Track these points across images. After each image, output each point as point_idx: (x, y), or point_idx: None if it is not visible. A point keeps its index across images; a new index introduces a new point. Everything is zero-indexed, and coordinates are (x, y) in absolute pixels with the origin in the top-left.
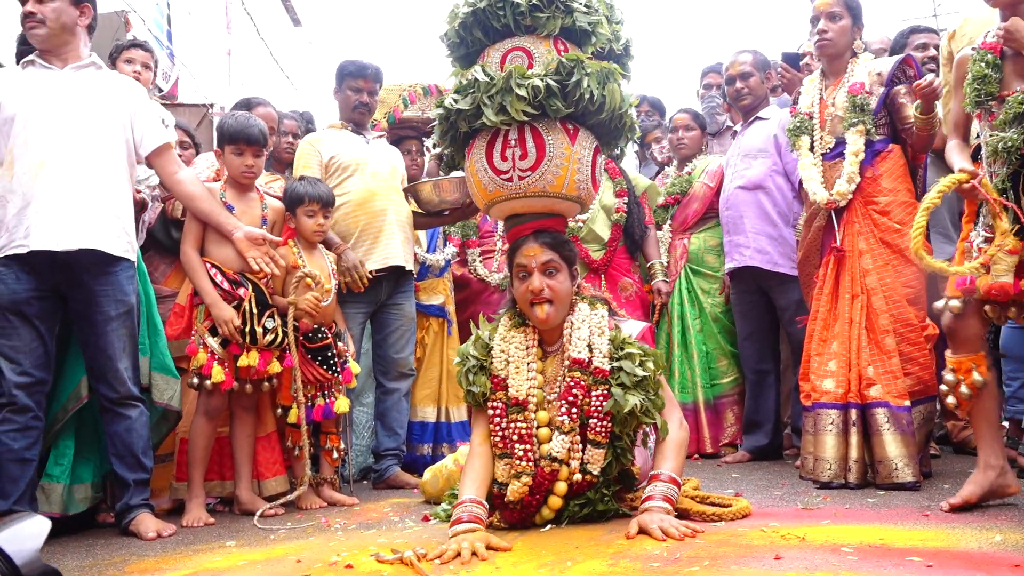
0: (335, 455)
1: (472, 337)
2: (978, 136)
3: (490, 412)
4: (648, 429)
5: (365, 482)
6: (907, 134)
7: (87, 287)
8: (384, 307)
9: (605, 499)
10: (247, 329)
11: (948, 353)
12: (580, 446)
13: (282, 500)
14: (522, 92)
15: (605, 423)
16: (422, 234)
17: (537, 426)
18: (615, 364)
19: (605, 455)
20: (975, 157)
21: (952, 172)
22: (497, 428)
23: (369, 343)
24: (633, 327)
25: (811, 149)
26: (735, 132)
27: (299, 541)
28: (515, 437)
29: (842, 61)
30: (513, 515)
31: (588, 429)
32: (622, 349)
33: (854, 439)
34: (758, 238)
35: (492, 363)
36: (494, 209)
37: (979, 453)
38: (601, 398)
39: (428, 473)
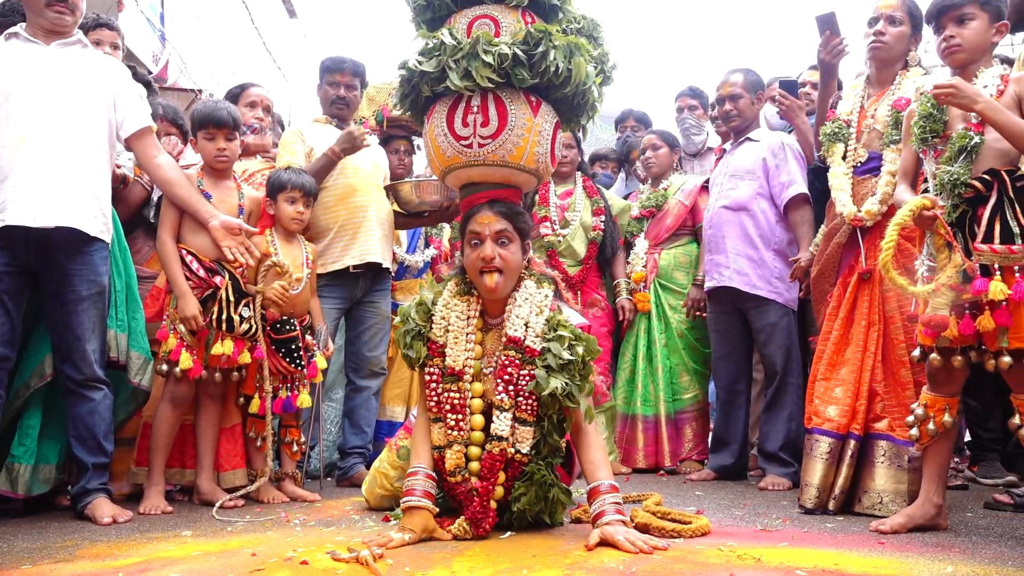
0: (295, 448)
1: (416, 299)
2: (925, 181)
3: (426, 378)
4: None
5: (329, 479)
6: None
7: (60, 266)
8: (360, 304)
9: (541, 469)
10: (224, 317)
11: (925, 388)
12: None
13: (242, 492)
14: (489, 59)
15: (531, 402)
16: (403, 234)
17: (471, 396)
18: (545, 345)
19: (533, 433)
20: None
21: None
22: (431, 394)
23: (342, 339)
24: (574, 318)
25: (843, 158)
26: (724, 150)
27: (256, 534)
28: (448, 406)
29: (891, 71)
30: (473, 508)
31: (516, 407)
32: (555, 330)
33: (845, 470)
34: (738, 259)
35: (432, 329)
36: (451, 176)
37: (923, 488)
38: (527, 377)
39: (366, 481)
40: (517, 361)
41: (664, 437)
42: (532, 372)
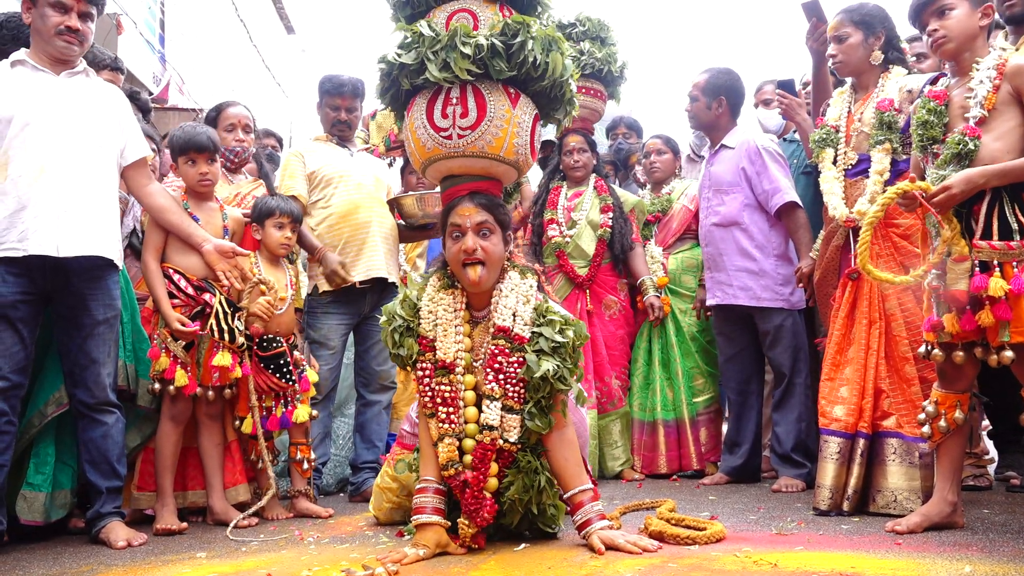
0: (305, 465)
1: (399, 296)
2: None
3: (418, 373)
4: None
5: (342, 494)
6: None
7: (77, 291)
8: (367, 319)
9: (527, 456)
10: (225, 328)
11: (936, 385)
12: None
13: (252, 510)
14: (467, 50)
15: (519, 389)
16: (420, 260)
17: (464, 389)
18: (535, 330)
19: (521, 422)
20: None
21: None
22: (426, 389)
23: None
24: (559, 309)
25: (834, 163)
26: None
27: (270, 554)
28: (439, 399)
29: (869, 75)
30: (468, 500)
31: (505, 395)
32: (544, 316)
33: (856, 469)
34: (739, 275)
35: (420, 324)
36: (431, 168)
37: (937, 486)
38: (516, 364)
39: (373, 498)
40: (507, 350)
41: (689, 440)
42: (521, 359)
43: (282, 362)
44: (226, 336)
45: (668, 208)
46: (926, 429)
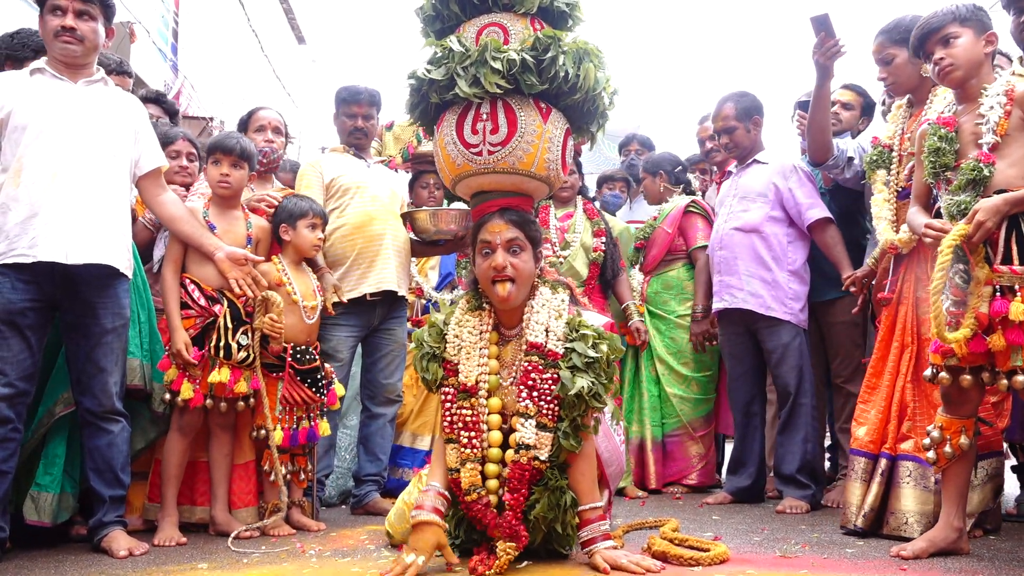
0: (301, 476)
1: (428, 322)
2: (936, 203)
3: (441, 398)
4: (601, 416)
5: (343, 506)
6: None
7: (86, 299)
8: (376, 331)
9: (556, 474)
10: (221, 344)
11: (940, 410)
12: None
13: (258, 525)
14: (497, 65)
15: (553, 406)
16: (432, 272)
17: (488, 412)
18: (568, 346)
19: (553, 440)
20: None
21: (916, 232)
22: (447, 414)
23: (358, 366)
24: (596, 319)
25: (887, 184)
26: (730, 172)
27: (272, 566)
28: (460, 424)
29: (921, 91)
30: (508, 523)
31: (539, 413)
32: (577, 331)
33: (874, 488)
34: (751, 281)
35: (446, 349)
36: (461, 185)
37: (943, 512)
38: (550, 381)
39: (393, 515)
40: (540, 366)
41: (650, 460)
42: (555, 375)
43: (319, 375)
44: (221, 353)
45: (650, 234)
46: (931, 455)
